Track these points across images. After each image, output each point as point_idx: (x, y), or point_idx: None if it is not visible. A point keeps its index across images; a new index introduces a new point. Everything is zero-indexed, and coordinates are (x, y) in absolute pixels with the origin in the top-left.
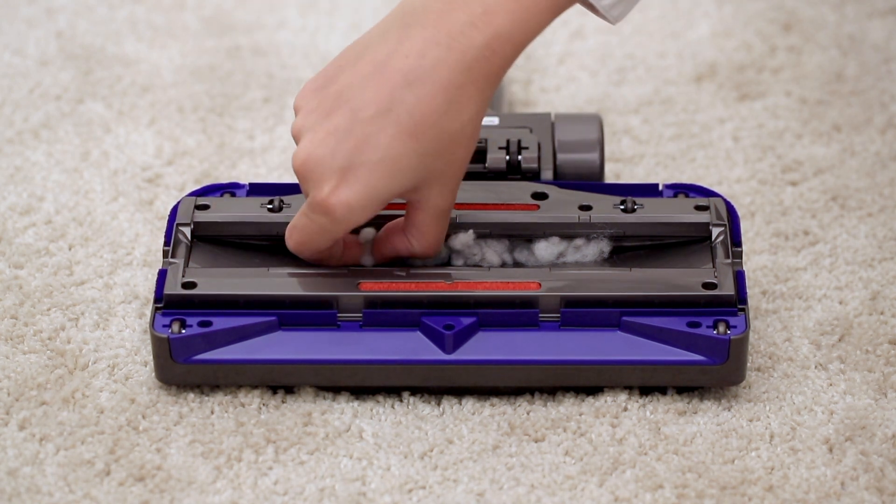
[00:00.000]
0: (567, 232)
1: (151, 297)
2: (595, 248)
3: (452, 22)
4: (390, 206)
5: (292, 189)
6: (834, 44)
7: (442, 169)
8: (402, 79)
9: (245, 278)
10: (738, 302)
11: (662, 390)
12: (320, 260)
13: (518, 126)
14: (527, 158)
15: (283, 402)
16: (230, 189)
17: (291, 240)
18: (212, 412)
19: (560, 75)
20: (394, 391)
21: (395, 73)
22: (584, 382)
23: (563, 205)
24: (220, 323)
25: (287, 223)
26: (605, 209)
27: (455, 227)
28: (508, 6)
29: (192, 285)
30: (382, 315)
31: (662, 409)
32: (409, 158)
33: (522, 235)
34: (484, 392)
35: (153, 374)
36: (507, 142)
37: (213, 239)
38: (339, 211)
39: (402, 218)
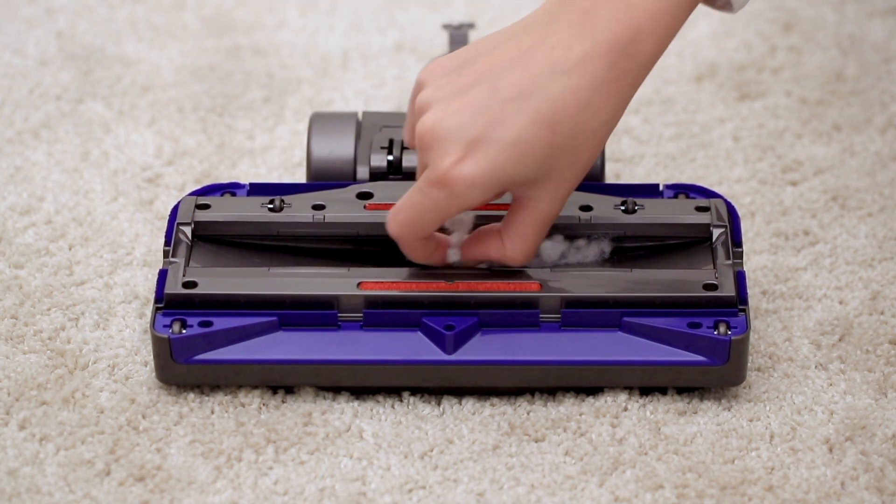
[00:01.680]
0: (567, 232)
1: (152, 297)
2: (596, 249)
3: (597, 17)
4: (491, 206)
5: (292, 189)
6: (834, 44)
7: (564, 168)
8: (548, 67)
9: (245, 278)
10: (738, 303)
11: (662, 390)
12: (415, 251)
13: None
14: None
15: (283, 402)
16: (230, 189)
17: (396, 220)
18: (212, 412)
19: None
20: (394, 391)
21: (540, 61)
22: (584, 383)
23: None
24: (220, 323)
25: (287, 223)
26: (606, 210)
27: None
28: (649, 1)
29: (192, 285)
30: (383, 315)
31: (662, 409)
32: (539, 147)
33: None
34: (484, 392)
35: (153, 374)
36: None
37: (213, 238)
38: (459, 184)
39: (497, 223)
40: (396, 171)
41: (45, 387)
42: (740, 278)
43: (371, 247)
